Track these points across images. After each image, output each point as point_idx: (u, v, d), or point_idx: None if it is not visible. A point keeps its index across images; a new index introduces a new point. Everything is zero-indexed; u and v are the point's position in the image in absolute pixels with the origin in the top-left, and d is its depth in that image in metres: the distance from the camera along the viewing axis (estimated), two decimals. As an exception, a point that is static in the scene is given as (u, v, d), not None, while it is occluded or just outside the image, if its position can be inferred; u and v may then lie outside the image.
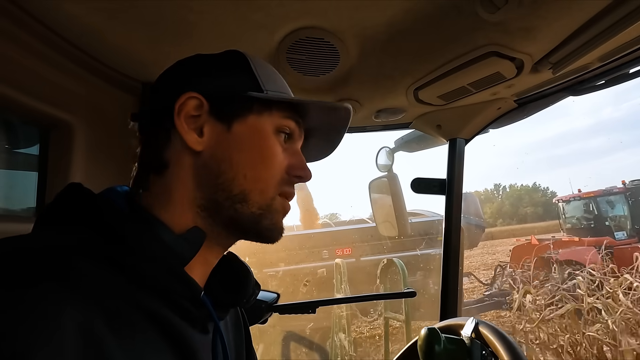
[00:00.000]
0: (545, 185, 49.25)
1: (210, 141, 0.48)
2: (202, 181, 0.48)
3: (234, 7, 0.71)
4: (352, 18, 0.76)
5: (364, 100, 1.05)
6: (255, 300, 0.55)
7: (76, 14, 0.68)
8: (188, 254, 0.45)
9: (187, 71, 0.52)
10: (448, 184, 1.20)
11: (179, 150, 0.48)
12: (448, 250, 1.18)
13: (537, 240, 8.65)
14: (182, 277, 0.42)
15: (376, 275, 4.81)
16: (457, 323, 0.79)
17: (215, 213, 0.48)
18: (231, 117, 0.49)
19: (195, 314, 0.44)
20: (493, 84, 0.93)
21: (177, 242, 0.44)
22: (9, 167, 0.91)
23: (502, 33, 0.77)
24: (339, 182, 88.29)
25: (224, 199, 0.47)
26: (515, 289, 6.14)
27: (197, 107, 0.48)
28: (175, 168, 0.48)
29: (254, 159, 0.49)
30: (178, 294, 0.42)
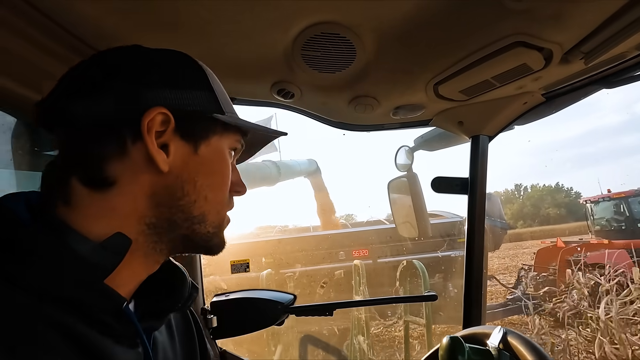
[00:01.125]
0: (568, 186, 47.44)
1: (177, 162, 0.45)
2: (160, 201, 0.45)
3: (250, 5, 0.70)
4: (369, 12, 0.73)
5: (382, 97, 1.02)
6: (192, 303, 0.53)
7: (91, 14, 0.68)
8: (109, 264, 0.41)
9: (149, 76, 0.46)
10: (471, 184, 1.15)
11: (135, 167, 0.43)
12: (471, 252, 1.13)
13: (564, 242, 8.32)
14: (99, 289, 0.40)
15: (396, 278, 4.74)
16: (483, 332, 0.75)
17: (165, 232, 0.45)
18: (198, 138, 0.47)
19: (118, 329, 0.41)
20: (519, 76, 0.88)
21: (95, 252, 0.40)
22: (33, 169, 0.93)
23: (529, 21, 0.72)
24: (354, 183, 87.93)
25: (182, 220, 0.46)
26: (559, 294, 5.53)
27: (163, 123, 0.45)
28: (126, 187, 0.43)
29: (216, 182, 0.49)
30: (96, 308, 0.39)
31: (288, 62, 0.88)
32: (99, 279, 0.40)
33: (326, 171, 22.78)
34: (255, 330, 1.02)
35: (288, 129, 4.97)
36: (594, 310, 4.49)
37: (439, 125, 1.18)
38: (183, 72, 0.48)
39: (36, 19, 0.65)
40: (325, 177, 8.29)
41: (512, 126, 1.21)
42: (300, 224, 9.54)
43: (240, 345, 1.06)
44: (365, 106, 1.04)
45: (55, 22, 0.68)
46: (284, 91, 1.00)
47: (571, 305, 4.79)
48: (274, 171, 6.16)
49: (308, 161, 7.98)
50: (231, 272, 2.03)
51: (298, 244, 6.73)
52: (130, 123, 0.43)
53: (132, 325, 0.42)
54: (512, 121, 1.13)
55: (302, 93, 1.01)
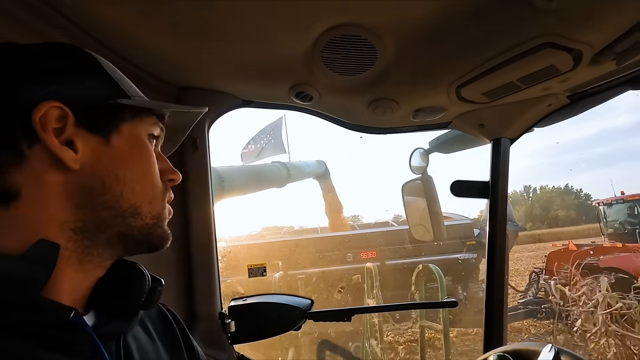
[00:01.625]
0: (578, 187, 46.61)
1: (86, 157, 0.42)
2: (80, 202, 0.42)
3: (271, 7, 0.69)
4: (392, 13, 0.72)
5: (402, 99, 1.00)
6: (159, 297, 0.50)
7: (111, 17, 0.68)
8: (39, 275, 0.37)
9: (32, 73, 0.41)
10: (492, 187, 1.12)
11: (38, 172, 0.40)
12: (493, 257, 1.10)
13: (575, 245, 8.18)
14: (36, 304, 0.36)
15: (405, 281, 4.69)
16: (530, 349, 0.71)
17: (97, 233, 0.43)
18: (106, 128, 0.44)
19: (70, 342, 0.39)
20: (545, 78, 0.86)
21: (18, 265, 0.37)
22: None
23: (559, 22, 0.70)
24: (361, 184, 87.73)
25: (112, 217, 0.43)
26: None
27: (60, 119, 0.41)
28: (33, 195, 0.40)
29: (138, 169, 0.46)
30: (40, 324, 0.36)
31: (307, 64, 0.87)
32: (32, 294, 0.37)
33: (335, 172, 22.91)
34: (273, 335, 1.01)
35: (297, 129, 4.91)
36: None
37: (459, 128, 1.16)
38: (71, 62, 0.44)
39: (60, 24, 0.65)
40: (334, 178, 8.26)
41: (532, 128, 1.19)
42: (304, 225, 9.52)
43: (256, 349, 1.06)
44: (385, 109, 1.02)
45: (77, 24, 0.68)
46: (303, 94, 0.99)
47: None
48: (283, 172, 6.16)
49: (317, 162, 7.96)
50: (248, 276, 2.02)
51: (304, 245, 6.72)
52: (19, 124, 0.39)
53: (86, 334, 0.40)
54: (534, 123, 1.11)
55: (321, 96, 1.00)
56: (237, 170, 4.99)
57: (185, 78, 0.95)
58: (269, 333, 1.01)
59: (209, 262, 1.04)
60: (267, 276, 4.84)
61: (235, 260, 5.66)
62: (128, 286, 0.48)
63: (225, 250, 5.76)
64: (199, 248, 1.03)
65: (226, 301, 1.08)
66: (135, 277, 0.49)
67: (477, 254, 6.64)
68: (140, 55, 0.81)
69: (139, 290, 0.48)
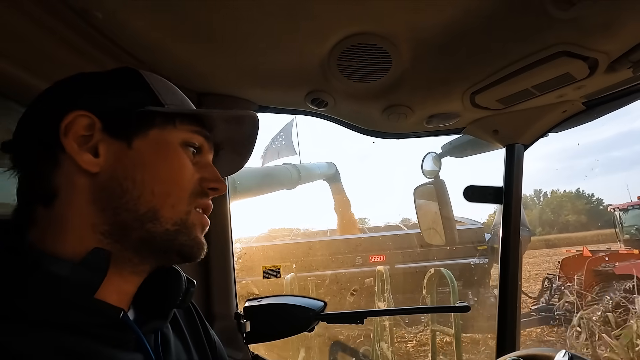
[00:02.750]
0: (590, 192, 45.49)
1: (108, 161, 0.45)
2: (103, 205, 0.44)
3: (289, 17, 0.71)
4: (408, 21, 0.73)
5: (416, 105, 1.02)
6: (191, 296, 0.54)
7: (140, 29, 0.71)
8: (94, 281, 0.41)
9: (72, 90, 0.47)
10: (505, 193, 1.13)
11: (70, 174, 0.44)
12: (506, 263, 1.10)
13: (590, 251, 8.00)
14: (91, 307, 0.40)
15: (415, 284, 4.66)
16: (544, 354, 0.72)
17: (123, 237, 0.44)
18: (130, 134, 0.46)
19: (120, 337, 0.43)
20: (560, 85, 0.86)
21: (77, 272, 0.41)
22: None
23: (575, 30, 0.71)
24: (371, 186, 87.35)
25: (131, 220, 0.44)
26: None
27: (88, 127, 0.45)
28: (67, 195, 0.44)
29: (160, 173, 0.46)
30: (93, 326, 0.40)
31: (323, 71, 0.89)
32: (88, 296, 0.41)
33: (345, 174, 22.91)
34: (287, 336, 1.03)
35: (308, 132, 4.88)
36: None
37: (472, 134, 1.17)
38: (111, 76, 0.49)
39: (92, 36, 0.69)
40: (344, 180, 8.25)
41: (546, 134, 1.19)
42: (311, 228, 9.54)
43: (270, 349, 1.08)
44: (399, 115, 1.03)
45: (108, 37, 0.71)
46: (318, 100, 1.01)
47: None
48: (294, 174, 6.19)
49: (327, 164, 7.98)
50: (263, 277, 2.05)
51: (314, 248, 6.73)
52: (54, 134, 0.43)
53: (132, 331, 0.44)
54: (549, 129, 1.11)
55: (336, 102, 1.02)
56: (249, 172, 5.03)
57: (205, 85, 0.98)
58: (283, 334, 1.03)
59: (225, 263, 1.07)
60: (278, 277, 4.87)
61: (251, 262, 5.72)
62: (165, 286, 0.51)
63: (240, 251, 5.82)
64: (216, 249, 1.05)
65: (241, 302, 1.10)
66: (172, 278, 0.51)
67: (488, 258, 6.57)
68: (165, 64, 0.84)
69: (176, 291, 0.51)
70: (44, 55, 0.66)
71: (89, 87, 0.47)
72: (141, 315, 0.50)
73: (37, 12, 0.60)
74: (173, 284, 0.51)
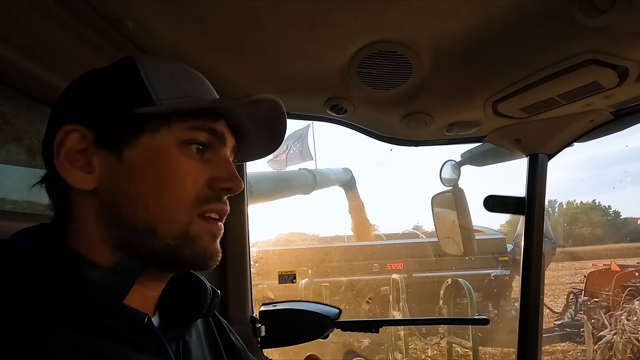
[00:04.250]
0: (607, 204, 43.33)
1: (103, 175, 0.42)
2: (107, 221, 0.42)
3: (311, 26, 0.72)
4: (430, 29, 0.73)
5: (436, 113, 1.01)
6: (215, 308, 0.54)
7: (168, 38, 0.74)
8: (125, 286, 0.41)
9: (69, 97, 0.45)
10: (528, 204, 1.09)
11: (77, 190, 0.43)
12: (528, 275, 1.07)
13: (619, 266, 7.63)
14: (119, 312, 0.40)
15: (439, 296, 4.56)
16: None
17: (130, 251, 0.43)
18: (119, 144, 0.42)
19: (143, 342, 0.42)
20: (588, 94, 0.84)
21: (109, 277, 0.40)
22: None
23: (605, 39, 0.69)
24: (383, 193, 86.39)
25: (132, 237, 0.42)
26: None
27: (81, 140, 0.42)
28: (78, 209, 0.43)
29: (155, 187, 0.42)
30: (120, 330, 0.40)
31: (343, 79, 0.89)
32: (117, 302, 0.40)
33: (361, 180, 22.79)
34: (301, 342, 1.03)
35: (324, 137, 4.89)
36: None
37: (494, 142, 1.15)
38: (108, 74, 0.45)
39: (123, 45, 0.72)
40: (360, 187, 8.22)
41: (571, 143, 1.15)
42: (323, 233, 9.50)
43: (285, 355, 1.08)
44: (419, 122, 1.03)
45: (138, 46, 0.74)
46: (338, 107, 1.01)
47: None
48: (310, 179, 6.22)
49: (343, 170, 7.97)
50: (278, 282, 2.06)
51: (330, 254, 6.71)
52: (51, 151, 0.42)
53: (155, 337, 0.43)
54: (574, 139, 1.07)
55: (355, 108, 1.02)
56: (266, 176, 5.09)
57: (226, 91, 1.00)
58: (297, 339, 1.03)
59: (242, 267, 1.08)
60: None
61: (267, 266, 5.75)
62: (191, 297, 0.50)
63: (257, 255, 5.86)
64: (233, 253, 1.07)
65: (256, 305, 1.11)
66: (198, 291, 0.51)
67: (510, 270, 6.37)
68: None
69: (202, 303, 0.51)
70: (77, 61, 0.70)
71: (85, 93, 0.44)
72: (165, 320, 0.50)
73: (72, 22, 0.64)
74: (198, 295, 0.51)
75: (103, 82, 0.44)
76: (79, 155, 0.42)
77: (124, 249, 0.43)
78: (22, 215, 0.72)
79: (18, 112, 0.74)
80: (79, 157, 0.42)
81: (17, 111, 0.74)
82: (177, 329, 0.49)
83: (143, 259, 0.43)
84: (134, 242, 0.42)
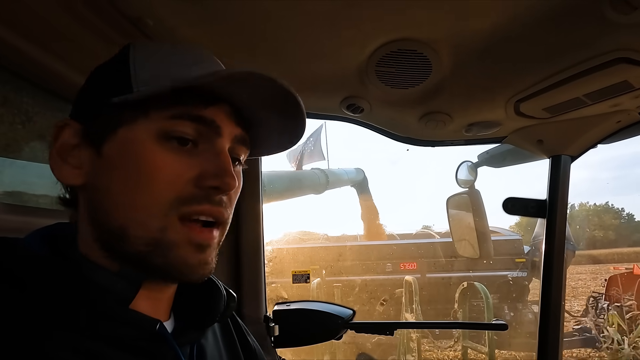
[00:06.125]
0: (620, 206, 41.69)
1: (86, 171, 0.40)
2: (91, 219, 0.40)
3: (330, 25, 0.71)
4: (451, 27, 0.71)
5: (455, 113, 0.99)
6: (230, 313, 0.52)
7: (187, 37, 0.74)
8: (129, 292, 0.39)
9: (82, 91, 0.44)
10: (549, 207, 1.06)
11: (75, 186, 0.42)
12: (549, 279, 1.03)
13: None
14: (127, 318, 0.37)
15: (454, 299, 4.48)
16: None
17: (111, 253, 0.40)
18: (102, 137, 0.39)
19: (156, 351, 0.39)
20: (616, 94, 0.80)
21: (114, 281, 0.38)
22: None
23: (637, 36, 0.66)
24: (394, 193, 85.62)
25: (107, 237, 0.39)
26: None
27: (74, 134, 0.40)
28: (78, 207, 0.42)
29: (128, 184, 0.38)
30: (130, 337, 0.38)
31: (361, 77, 0.88)
32: (123, 307, 0.38)
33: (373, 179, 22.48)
34: (315, 342, 1.03)
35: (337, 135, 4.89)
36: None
37: (514, 143, 1.11)
38: (100, 68, 0.43)
39: (134, 37, 0.72)
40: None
41: (595, 145, 1.11)
42: (331, 233, 9.45)
43: (297, 355, 1.08)
44: (437, 122, 1.01)
45: (151, 39, 0.74)
46: (354, 106, 1.00)
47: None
48: (322, 179, 6.21)
49: (356, 170, 7.94)
50: (292, 281, 2.06)
51: (343, 253, 6.70)
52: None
53: (168, 344, 0.40)
54: (599, 141, 1.04)
55: (372, 108, 1.01)
56: (278, 176, 5.11)
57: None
58: (311, 340, 1.03)
59: (256, 266, 1.09)
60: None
61: (281, 265, 5.77)
62: (206, 301, 0.48)
63: (271, 254, 5.89)
64: (248, 252, 1.07)
65: (270, 305, 1.11)
66: (213, 296, 0.48)
67: (527, 272, 6.24)
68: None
69: (216, 308, 0.48)
70: (99, 59, 0.71)
71: (84, 86, 0.43)
72: (181, 322, 0.48)
73: (95, 21, 0.65)
74: (214, 302, 0.48)
75: (97, 73, 0.42)
76: (74, 150, 0.40)
77: (107, 250, 0.39)
78: (49, 211, 0.74)
79: (40, 110, 0.76)
80: (74, 152, 0.40)
81: (39, 109, 0.76)
82: (192, 333, 0.46)
83: (131, 265, 0.40)
84: (111, 243, 0.39)
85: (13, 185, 0.71)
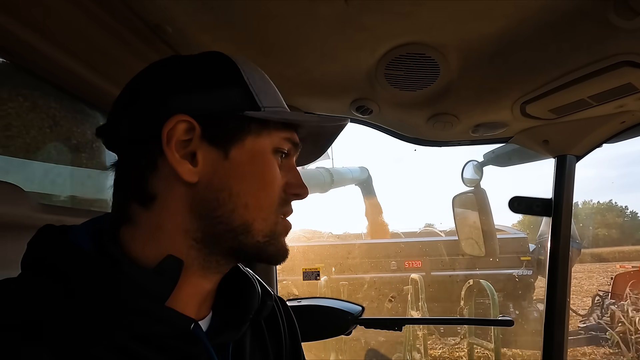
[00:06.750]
0: (624, 204, 41.07)
1: (206, 170, 0.43)
2: (199, 214, 0.43)
3: (341, 29, 0.73)
4: (459, 31, 0.73)
5: (462, 114, 1.01)
6: (268, 311, 0.53)
7: (205, 42, 0.77)
8: (165, 289, 0.41)
9: (171, 84, 0.44)
10: (555, 206, 1.08)
11: (169, 180, 0.43)
12: (554, 279, 1.05)
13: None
14: (161, 316, 0.39)
15: (460, 297, 4.49)
16: None
17: (213, 245, 0.44)
18: (228, 142, 0.43)
19: (188, 351, 0.40)
20: (621, 96, 0.82)
21: (150, 279, 0.40)
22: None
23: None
24: (397, 192, 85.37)
25: (224, 232, 0.43)
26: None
27: (188, 131, 0.42)
28: (165, 200, 0.43)
29: (255, 186, 0.44)
30: (162, 336, 0.39)
31: (370, 80, 0.91)
32: (159, 305, 0.39)
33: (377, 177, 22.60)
34: (325, 338, 1.05)
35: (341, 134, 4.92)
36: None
37: (520, 144, 1.13)
38: (211, 71, 0.45)
39: (162, 50, 0.75)
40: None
41: (600, 144, 1.13)
42: (335, 231, 9.45)
43: (308, 350, 1.11)
44: (445, 123, 1.03)
45: (176, 50, 0.78)
46: (363, 108, 1.02)
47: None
48: (327, 178, 6.24)
49: (360, 169, 7.95)
50: (303, 278, 2.09)
51: (349, 251, 6.72)
52: (155, 136, 0.42)
53: (203, 344, 0.42)
54: (604, 141, 1.05)
55: (381, 109, 1.03)
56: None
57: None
58: (321, 335, 1.06)
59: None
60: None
61: (291, 262, 5.81)
62: (242, 299, 0.50)
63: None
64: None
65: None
66: (248, 292, 0.51)
67: (532, 271, 6.22)
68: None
69: (251, 305, 0.50)
70: (119, 65, 0.74)
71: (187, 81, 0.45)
72: (218, 319, 0.49)
73: (117, 27, 0.68)
74: (249, 298, 0.50)
75: (207, 75, 0.45)
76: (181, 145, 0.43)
77: (208, 242, 0.44)
78: (82, 211, 0.77)
79: (66, 114, 0.79)
80: (180, 147, 0.43)
81: (65, 113, 0.79)
82: (228, 332, 0.47)
83: (223, 252, 0.45)
84: (226, 236, 0.44)
85: (42, 186, 0.74)
